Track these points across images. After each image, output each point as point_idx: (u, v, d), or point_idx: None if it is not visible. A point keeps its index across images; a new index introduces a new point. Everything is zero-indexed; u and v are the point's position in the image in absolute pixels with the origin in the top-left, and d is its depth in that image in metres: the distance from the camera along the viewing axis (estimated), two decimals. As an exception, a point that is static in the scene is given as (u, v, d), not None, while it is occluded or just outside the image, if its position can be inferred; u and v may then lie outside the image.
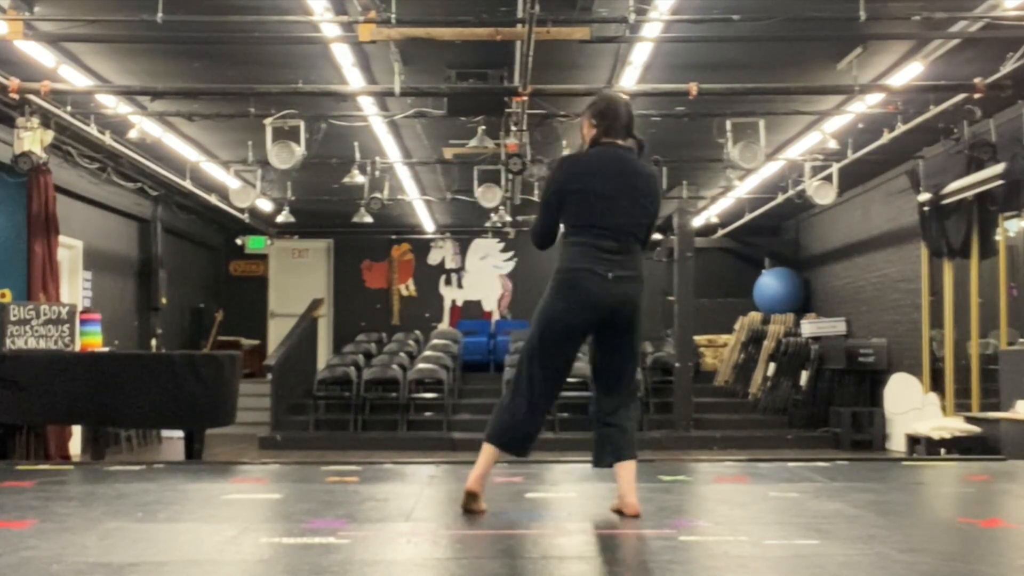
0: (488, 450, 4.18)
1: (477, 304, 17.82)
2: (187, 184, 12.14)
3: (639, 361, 4.33)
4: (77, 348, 9.40)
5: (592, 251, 4.12)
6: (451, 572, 3.22)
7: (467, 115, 9.16)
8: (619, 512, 4.14)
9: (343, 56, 7.94)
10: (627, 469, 4.14)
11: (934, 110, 8.91)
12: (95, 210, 12.19)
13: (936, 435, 9.02)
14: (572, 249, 4.17)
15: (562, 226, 4.24)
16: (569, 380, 4.39)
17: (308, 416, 13.12)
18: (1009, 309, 9.67)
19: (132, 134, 9.50)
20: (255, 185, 11.64)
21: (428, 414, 13.08)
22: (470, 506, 4.18)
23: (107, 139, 9.86)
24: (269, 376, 13.11)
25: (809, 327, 14.24)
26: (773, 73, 8.49)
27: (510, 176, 10.80)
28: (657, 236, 15.33)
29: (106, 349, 10.56)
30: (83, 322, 9.71)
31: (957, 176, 10.02)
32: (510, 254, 17.75)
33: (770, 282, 15.96)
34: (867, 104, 9.35)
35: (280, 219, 13.74)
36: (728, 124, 9.33)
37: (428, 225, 16.97)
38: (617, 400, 4.24)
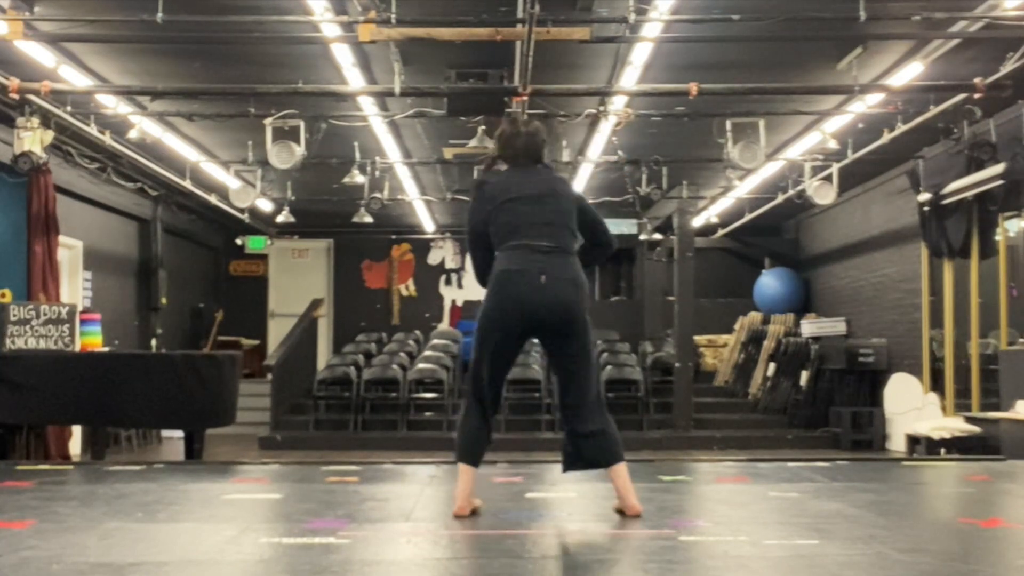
0: (465, 470, 4.15)
1: (477, 304, 17.74)
2: (187, 184, 12.14)
3: (592, 368, 4.22)
4: (77, 348, 9.40)
5: (525, 252, 4.11)
6: (451, 572, 3.22)
7: (467, 115, 9.15)
8: (620, 512, 4.14)
9: (343, 56, 7.94)
10: (619, 472, 4.13)
11: (934, 110, 8.91)
12: (95, 210, 12.19)
13: (936, 435, 9.02)
14: (505, 253, 4.17)
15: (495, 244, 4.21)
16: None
17: (308, 416, 13.12)
18: (1009, 309, 9.67)
19: (132, 134, 9.50)
20: (255, 185, 11.63)
21: (428, 414, 13.08)
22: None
23: (107, 139, 9.86)
24: (269, 376, 13.11)
25: (809, 327, 14.24)
26: (773, 73, 8.49)
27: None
28: (657, 236, 15.36)
29: (106, 349, 10.56)
30: (83, 322, 9.71)
31: (957, 176, 10.02)
32: (510, 254, 17.70)
33: (770, 282, 15.96)
34: (867, 104, 9.34)
35: (280, 219, 13.73)
36: (728, 124, 9.32)
37: (428, 225, 16.97)
38: (575, 409, 4.16)
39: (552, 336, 4.16)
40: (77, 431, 9.93)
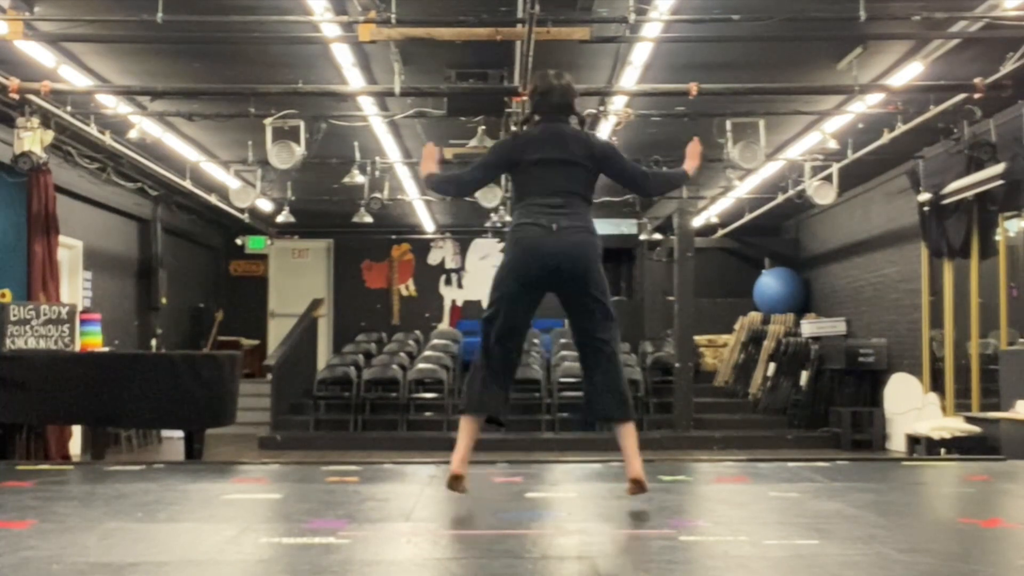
0: (465, 424, 4.32)
1: (477, 304, 17.79)
2: (187, 184, 12.15)
3: (609, 319, 4.36)
4: (77, 348, 9.40)
5: (535, 207, 4.30)
6: (451, 572, 3.22)
7: (467, 115, 9.15)
8: (632, 482, 4.23)
9: (343, 56, 7.94)
10: (625, 434, 4.25)
11: (934, 110, 8.91)
12: (95, 210, 12.19)
13: (936, 435, 9.02)
14: (518, 211, 4.39)
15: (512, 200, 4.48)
16: (566, 380, 4.45)
17: (308, 416, 13.12)
18: (1009, 309, 9.67)
19: (132, 134, 9.50)
20: (255, 185, 11.63)
21: (428, 414, 13.08)
22: (455, 486, 4.30)
23: (107, 139, 9.86)
24: (269, 376, 13.11)
25: (809, 327, 14.24)
26: (773, 73, 8.49)
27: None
28: (657, 236, 15.35)
29: (106, 349, 10.56)
30: (83, 322, 9.71)
31: (957, 176, 10.02)
32: (510, 254, 17.71)
33: (770, 282, 15.96)
34: (867, 104, 9.34)
35: (280, 219, 13.74)
36: (728, 124, 9.32)
37: (428, 225, 16.98)
38: (590, 360, 4.34)
39: (568, 287, 4.28)
40: (77, 431, 9.93)
